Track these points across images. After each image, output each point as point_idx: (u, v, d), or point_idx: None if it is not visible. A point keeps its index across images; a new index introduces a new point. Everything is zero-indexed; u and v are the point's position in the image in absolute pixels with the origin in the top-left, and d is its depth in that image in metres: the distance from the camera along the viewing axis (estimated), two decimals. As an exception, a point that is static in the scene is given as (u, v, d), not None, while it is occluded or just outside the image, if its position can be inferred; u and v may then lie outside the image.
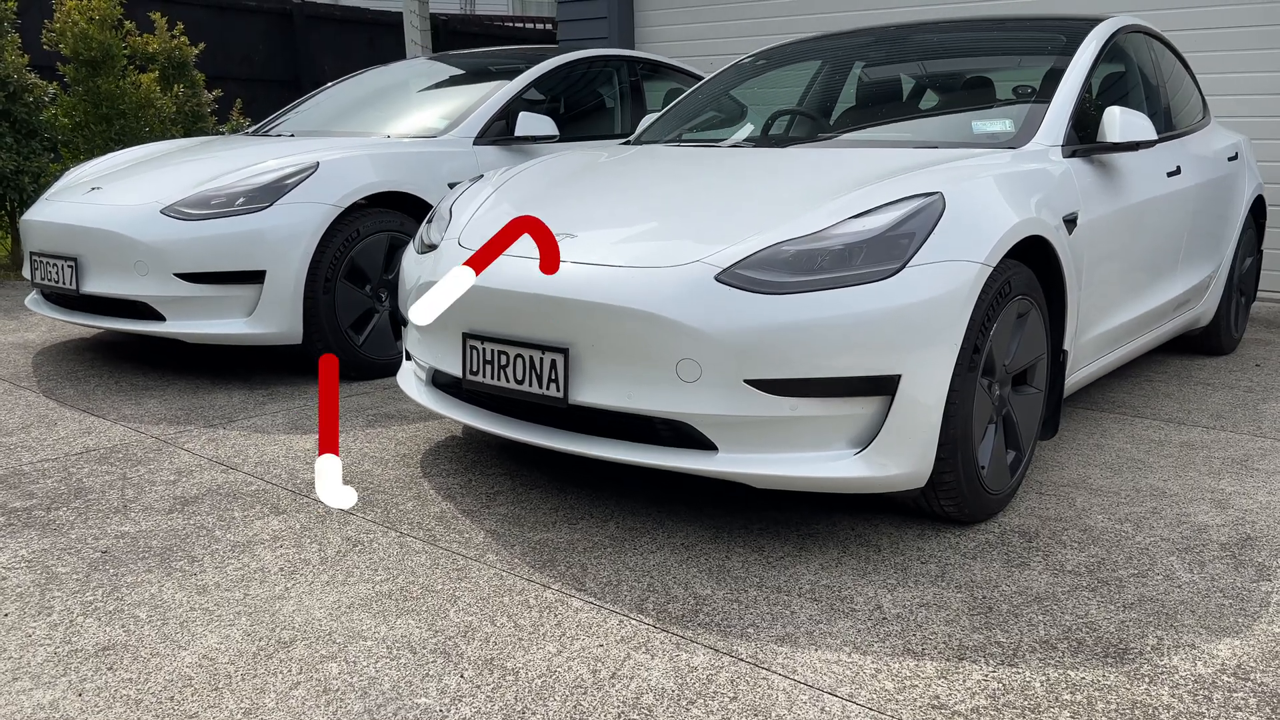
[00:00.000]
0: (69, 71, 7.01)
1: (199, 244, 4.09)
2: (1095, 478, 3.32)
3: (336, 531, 2.85)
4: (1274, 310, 6.26)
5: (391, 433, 3.75)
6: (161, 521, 2.91)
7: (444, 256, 3.13)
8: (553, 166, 3.68)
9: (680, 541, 2.79)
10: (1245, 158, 5.08)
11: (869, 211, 2.70)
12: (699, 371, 2.57)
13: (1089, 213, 3.31)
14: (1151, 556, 2.71)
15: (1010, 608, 2.43)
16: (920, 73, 4.24)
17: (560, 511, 3.00)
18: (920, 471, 2.65)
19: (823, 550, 2.74)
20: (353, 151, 4.47)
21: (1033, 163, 3.17)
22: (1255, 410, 4.14)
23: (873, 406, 2.58)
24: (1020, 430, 3.03)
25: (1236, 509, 3.06)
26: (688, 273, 2.64)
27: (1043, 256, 3.05)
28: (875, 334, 2.53)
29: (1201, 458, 3.54)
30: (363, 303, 4.42)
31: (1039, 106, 3.45)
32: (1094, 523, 2.94)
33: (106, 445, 3.56)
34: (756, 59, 4.69)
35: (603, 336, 2.67)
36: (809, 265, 2.60)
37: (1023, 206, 2.90)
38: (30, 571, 2.59)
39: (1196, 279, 4.48)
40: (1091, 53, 3.73)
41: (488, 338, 2.88)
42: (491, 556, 2.69)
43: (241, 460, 3.43)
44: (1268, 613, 2.40)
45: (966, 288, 2.63)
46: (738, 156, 3.55)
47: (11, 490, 3.14)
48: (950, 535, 2.84)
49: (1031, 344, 3.01)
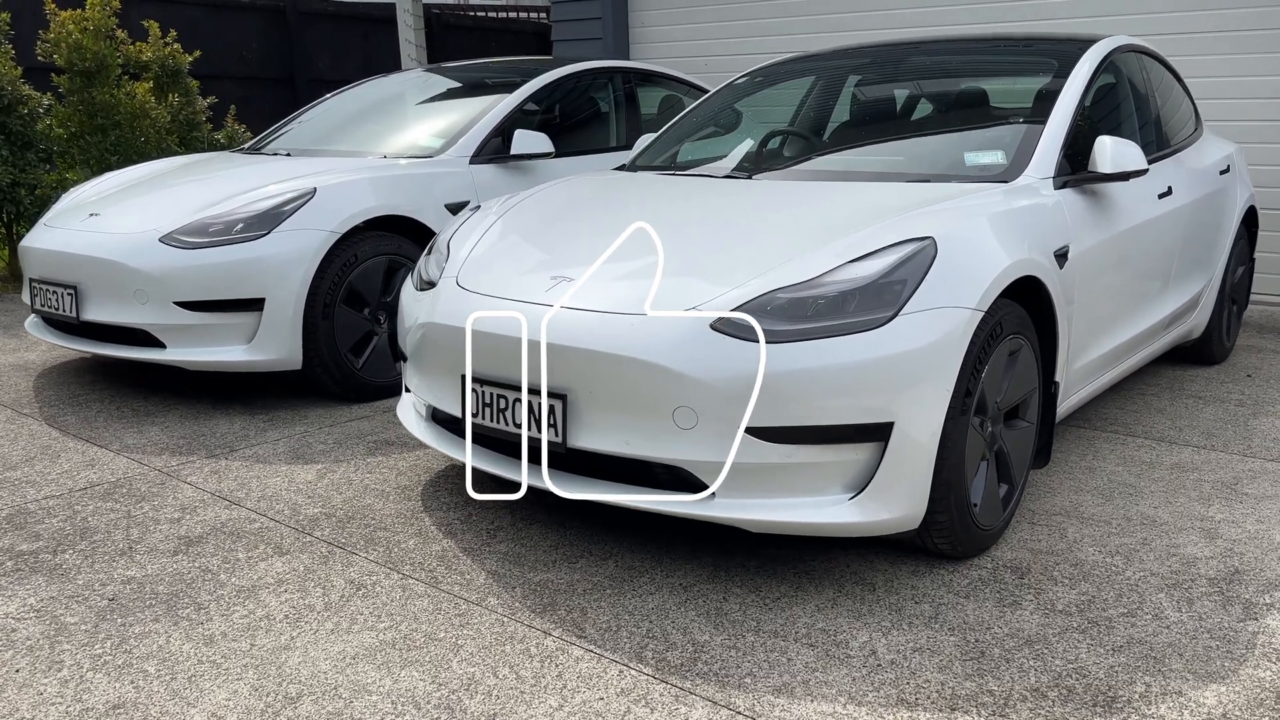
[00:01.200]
0: (63, 82, 7.01)
1: (198, 272, 4.12)
2: (1087, 505, 3.37)
3: (340, 574, 2.90)
4: (1266, 313, 6.31)
5: (392, 461, 3.79)
6: (167, 564, 2.95)
7: (442, 297, 3.16)
8: (547, 201, 3.70)
9: (679, 581, 2.84)
10: (1237, 168, 5.11)
11: (862, 257, 2.73)
12: (695, 419, 2.61)
13: (1080, 244, 3.35)
14: (1141, 593, 2.76)
15: (1002, 651, 2.48)
16: (912, 95, 4.25)
17: (560, 549, 3.04)
18: (914, 515, 2.69)
19: (819, 590, 2.79)
20: (349, 175, 4.49)
21: (1025, 198, 3.20)
22: (1245, 427, 4.19)
23: (866, 453, 2.63)
24: (1013, 463, 3.07)
25: (1225, 539, 3.11)
26: (684, 321, 2.67)
27: (1034, 291, 3.09)
28: (868, 383, 2.57)
29: (1192, 481, 3.59)
30: (361, 325, 4.45)
31: (1031, 137, 3.47)
32: (1085, 556, 2.99)
33: (110, 479, 3.60)
34: (753, 76, 4.70)
35: (600, 383, 2.70)
36: (803, 313, 2.63)
37: (1015, 247, 2.94)
38: (39, 622, 2.64)
39: (1189, 295, 4.52)
40: (1083, 78, 3.75)
41: (487, 381, 2.92)
42: (493, 600, 2.74)
43: (244, 494, 3.47)
44: (1253, 656, 2.46)
45: (958, 334, 2.67)
46: (732, 190, 3.57)
47: (19, 531, 3.18)
48: (944, 572, 2.89)
49: (1023, 380, 3.05)
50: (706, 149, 4.32)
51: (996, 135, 3.60)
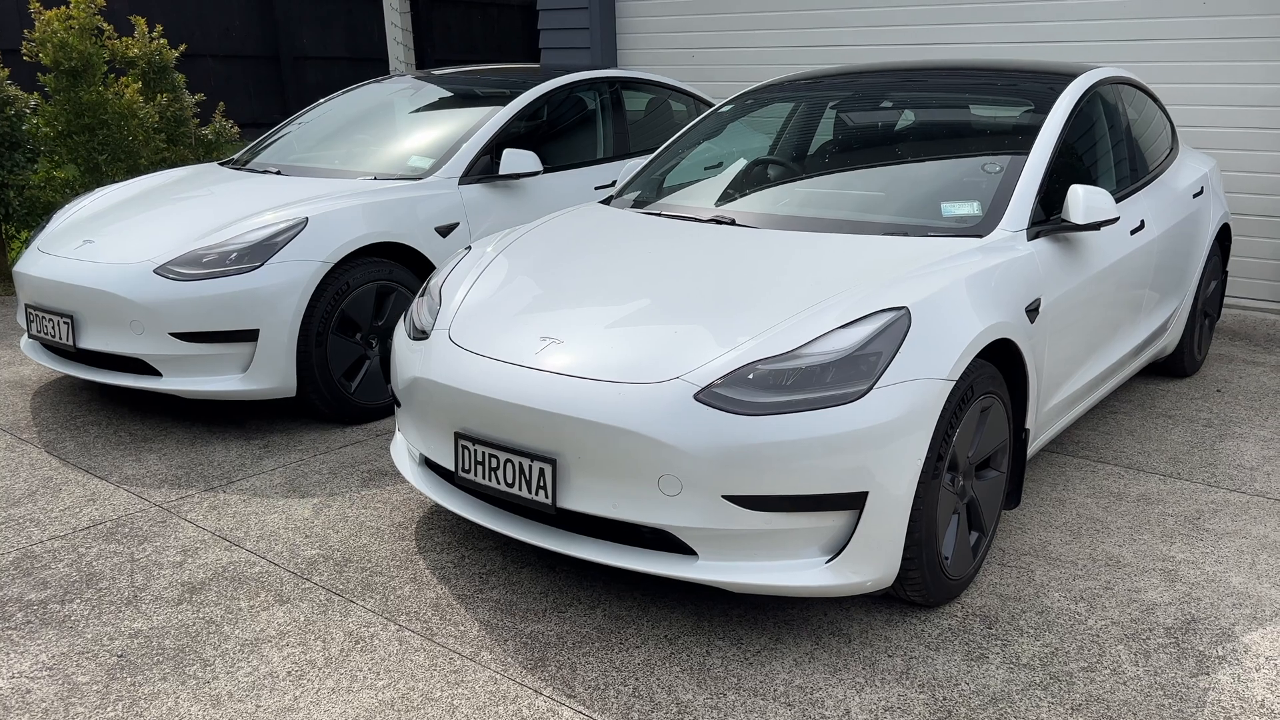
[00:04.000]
0: (49, 81, 7.00)
1: (193, 305, 4.19)
2: (1055, 543, 3.52)
3: (338, 624, 3.03)
4: (1240, 318, 6.43)
5: (386, 494, 3.90)
6: (172, 616, 3.07)
7: (435, 351, 3.25)
8: (536, 247, 3.78)
9: (664, 633, 2.98)
10: (1211, 187, 5.20)
11: (838, 329, 2.84)
12: (680, 486, 2.73)
13: (1052, 294, 3.46)
14: (1101, 645, 2.91)
15: (968, 710, 2.63)
16: (892, 130, 4.33)
17: (550, 596, 3.17)
18: (887, 575, 2.83)
19: (797, 642, 2.93)
20: (339, 203, 4.56)
21: (999, 255, 3.30)
22: (1211, 451, 4.34)
23: (843, 519, 2.76)
24: (983, 511, 3.21)
25: (1184, 582, 3.26)
26: (669, 391, 2.78)
27: (1006, 347, 3.20)
28: (844, 454, 2.69)
29: (1156, 515, 3.74)
30: (354, 351, 4.55)
31: (1006, 187, 3.57)
32: (1050, 602, 3.14)
33: (112, 517, 3.71)
34: (741, 100, 4.77)
35: (589, 449, 2.82)
36: (782, 385, 2.75)
37: (988, 311, 3.05)
38: (53, 681, 2.76)
39: (1161, 319, 4.64)
40: (1059, 121, 3.84)
41: (479, 440, 3.03)
42: (486, 655, 2.87)
43: (244, 534, 3.58)
44: (1203, 714, 2.61)
45: (931, 404, 2.79)
46: (716, 241, 3.60)
47: (27, 578, 3.29)
48: (916, 621, 3.03)
49: (995, 433, 3.18)
50: (691, 182, 4.39)
51: (973, 184, 3.69)
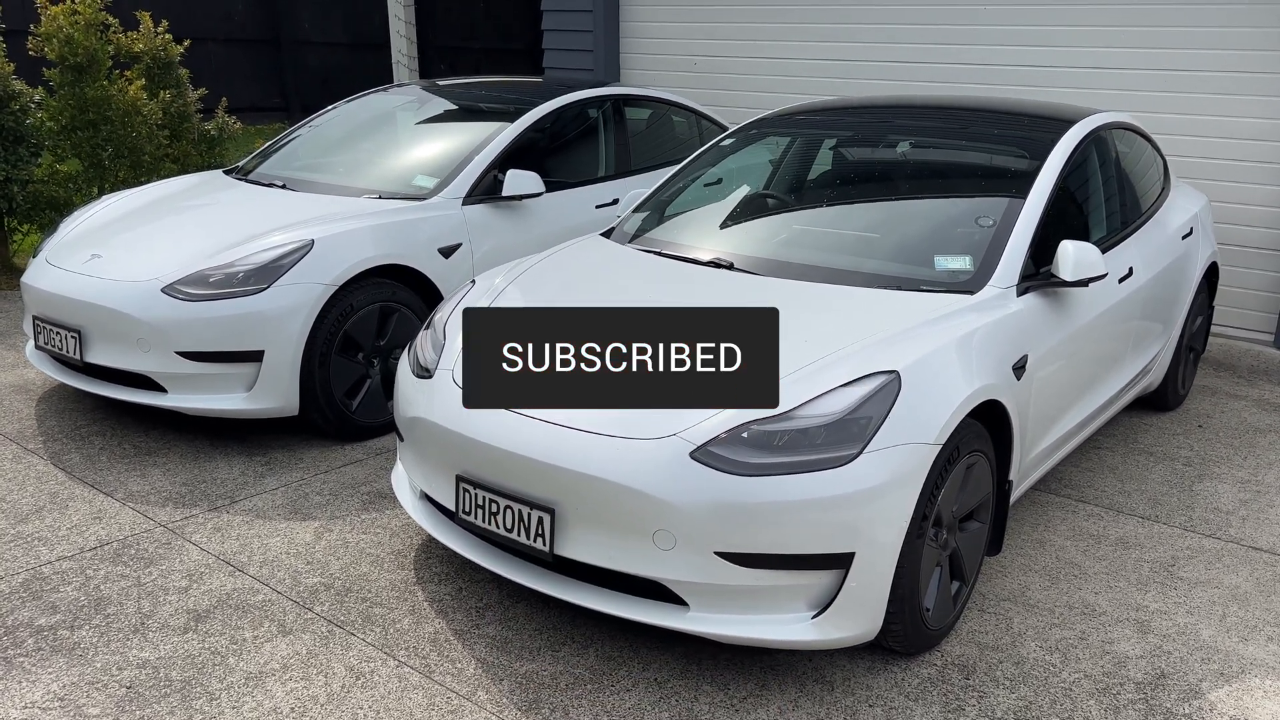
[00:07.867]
0: (54, 76, 7.03)
1: (199, 325, 4.28)
2: (1034, 588, 3.64)
3: (339, 658, 3.13)
4: (1225, 347, 6.51)
5: (386, 519, 4.00)
6: (178, 645, 3.17)
7: (437, 393, 3.34)
8: (537, 286, 3.86)
9: (654, 676, 3.09)
10: (1202, 227, 5.30)
11: (831, 391, 2.93)
12: (673, 541, 2.83)
13: (1038, 350, 3.56)
14: (1073, 699, 3.04)
15: (943, 765, 2.75)
16: (888, 173, 4.42)
17: (544, 634, 3.28)
18: (871, 630, 2.95)
19: (782, 689, 3.04)
20: (345, 225, 4.63)
21: (989, 313, 3.40)
22: (1189, 493, 4.46)
23: (829, 578, 2.87)
24: (965, 562, 3.32)
25: (1156, 634, 3.39)
26: (665, 448, 2.88)
27: (992, 406, 3.30)
28: (833, 517, 2.80)
29: (1133, 561, 3.86)
30: (356, 370, 4.63)
31: (998, 242, 3.66)
32: (1026, 652, 3.26)
33: (119, 537, 3.80)
34: (745, 131, 4.85)
35: (586, 502, 2.92)
36: (774, 445, 2.85)
37: (976, 373, 3.15)
38: (64, 713, 2.86)
39: (1147, 358, 4.75)
40: (1052, 174, 3.93)
41: (480, 484, 3.13)
42: (482, 694, 2.98)
43: (247, 559, 3.68)
44: (1167, 776, 2.74)
45: (919, 467, 2.89)
46: (715, 287, 3.69)
47: (37, 602, 3.39)
48: (896, 670, 3.15)
49: (978, 488, 3.29)
50: (691, 217, 4.47)
51: (966, 236, 3.78)
